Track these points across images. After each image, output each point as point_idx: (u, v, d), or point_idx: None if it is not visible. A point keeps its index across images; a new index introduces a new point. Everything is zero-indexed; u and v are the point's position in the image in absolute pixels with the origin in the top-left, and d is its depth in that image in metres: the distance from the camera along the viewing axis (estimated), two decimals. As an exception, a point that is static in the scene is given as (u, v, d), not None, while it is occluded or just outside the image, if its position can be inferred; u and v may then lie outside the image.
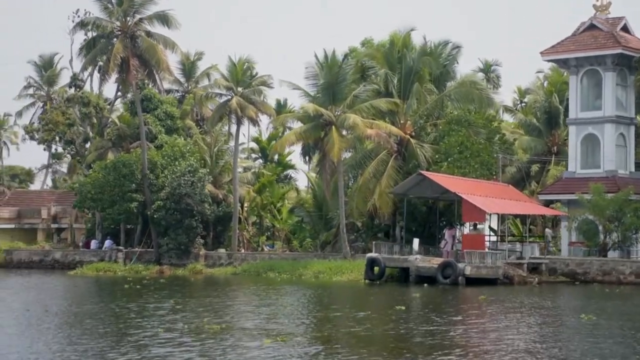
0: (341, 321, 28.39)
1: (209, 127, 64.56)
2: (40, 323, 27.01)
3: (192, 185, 59.17)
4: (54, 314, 30.01)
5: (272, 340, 22.28)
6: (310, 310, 32.38)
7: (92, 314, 30.28)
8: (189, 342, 22.38)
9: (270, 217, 62.79)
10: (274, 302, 35.70)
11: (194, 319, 27.86)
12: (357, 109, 54.29)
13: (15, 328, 25.54)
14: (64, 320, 28.50)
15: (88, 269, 57.30)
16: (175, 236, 59.09)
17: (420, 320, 28.48)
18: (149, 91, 65.60)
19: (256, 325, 26.37)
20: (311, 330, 25.77)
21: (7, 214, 77.19)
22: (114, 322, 27.36)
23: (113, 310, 31.82)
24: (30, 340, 22.87)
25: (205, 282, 50.33)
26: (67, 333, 24.79)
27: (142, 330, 24.96)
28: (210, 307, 32.33)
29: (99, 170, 60.57)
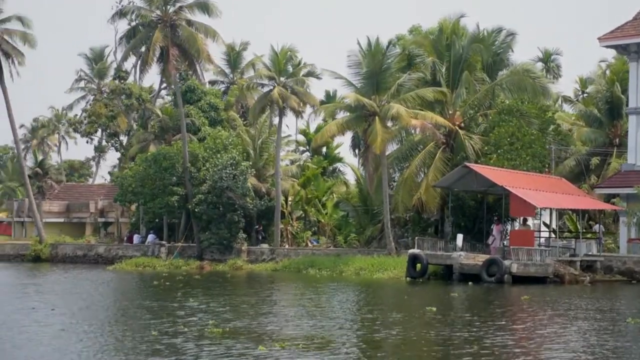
0: (369, 324, 26.31)
1: (250, 118, 62.83)
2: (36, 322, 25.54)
3: (234, 178, 57.61)
4: (57, 314, 28.46)
5: (269, 347, 20.32)
6: (339, 310, 30.22)
7: (97, 312, 28.73)
8: (171, 349, 20.53)
9: (314, 212, 60.80)
10: (303, 301, 33.67)
11: (207, 320, 26.00)
12: (401, 99, 52.04)
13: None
14: (64, 319, 26.90)
15: (127, 264, 56.21)
16: (216, 231, 57.63)
17: (455, 324, 26.11)
18: (192, 82, 64.20)
19: (264, 328, 24.42)
20: (330, 334, 23.49)
21: (56, 208, 76.85)
22: (113, 323, 25.70)
23: (124, 308, 30.22)
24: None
25: (243, 278, 48.65)
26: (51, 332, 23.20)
27: (136, 333, 23.24)
28: (231, 307, 30.49)
29: (140, 163, 59.40)
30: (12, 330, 23.53)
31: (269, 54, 59.02)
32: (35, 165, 77.12)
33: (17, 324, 24.94)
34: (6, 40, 67.32)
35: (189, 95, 64.25)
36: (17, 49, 67.59)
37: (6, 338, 21.92)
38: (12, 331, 23.25)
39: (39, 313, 28.01)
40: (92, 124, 69.21)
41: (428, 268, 45.93)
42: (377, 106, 51.83)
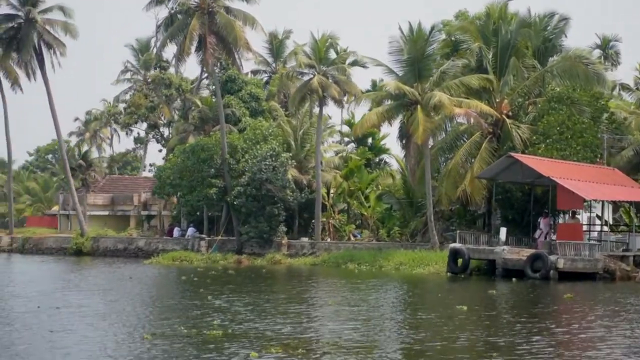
0: (390, 325, 24.50)
1: (290, 108, 61.15)
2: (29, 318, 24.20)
3: (274, 170, 56.07)
4: (58, 308, 27.10)
5: (263, 354, 18.60)
6: (365, 310, 28.23)
7: (100, 309, 27.32)
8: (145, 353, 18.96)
9: (357, 204, 58.88)
10: (332, 299, 31.75)
11: (219, 320, 24.40)
12: (444, 87, 49.90)
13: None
14: (61, 315, 25.51)
15: (164, 258, 55.06)
16: (256, 224, 56.16)
17: (484, 326, 24.13)
18: (233, 72, 62.73)
19: (277, 331, 22.68)
20: (343, 338, 21.59)
21: (100, 201, 76.24)
22: (112, 321, 24.21)
23: (136, 306, 28.73)
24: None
25: (279, 273, 46.97)
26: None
27: (130, 333, 21.73)
28: (255, 306, 28.77)
29: (178, 155, 58.16)
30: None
31: (309, 41, 57.30)
32: (79, 157, 76.50)
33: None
34: (47, 31, 66.77)
35: (230, 85, 62.83)
36: (59, 40, 66.98)
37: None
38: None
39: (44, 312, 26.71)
40: (130, 115, 68.24)
41: (470, 263, 43.80)
42: (419, 94, 49.75)
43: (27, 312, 26.53)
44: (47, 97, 66.29)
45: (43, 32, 66.54)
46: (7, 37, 67.26)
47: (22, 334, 21.71)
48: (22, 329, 22.63)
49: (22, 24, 66.51)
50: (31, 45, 65.64)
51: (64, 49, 66.63)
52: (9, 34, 67.13)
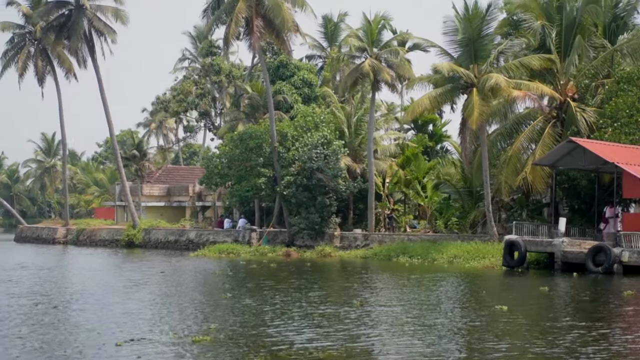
0: (409, 328, 21.80)
1: (340, 93, 58.49)
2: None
3: (325, 158, 53.65)
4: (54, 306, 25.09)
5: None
6: (388, 314, 25.50)
7: (98, 306, 25.22)
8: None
9: (413, 194, 55.92)
10: (367, 298, 29.17)
11: (221, 323, 22.13)
12: (503, 68, 46.75)
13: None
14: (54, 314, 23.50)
15: (210, 251, 53.16)
16: (307, 215, 53.81)
17: (522, 332, 21.28)
18: (285, 57, 60.37)
19: (279, 336, 20.25)
20: (335, 345, 19.09)
21: (156, 192, 74.92)
22: (101, 321, 22.06)
23: (149, 302, 26.59)
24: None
25: (325, 267, 44.38)
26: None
27: (107, 337, 19.53)
28: (280, 307, 26.40)
29: (227, 143, 56.07)
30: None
31: (361, 23, 54.42)
32: (132, 147, 75.12)
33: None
34: (97, 17, 65.43)
35: (282, 71, 60.54)
36: (109, 26, 65.63)
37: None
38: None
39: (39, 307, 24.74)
40: (179, 103, 66.42)
41: (527, 256, 40.65)
42: (475, 76, 46.67)
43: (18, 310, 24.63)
44: (98, 86, 65.04)
45: (93, 19, 65.26)
46: (58, 24, 66.27)
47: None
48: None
49: (72, 11, 65.34)
50: (81, 32, 64.43)
51: (114, 35, 65.32)
52: (59, 21, 66.11)
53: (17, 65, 69.46)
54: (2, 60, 71.24)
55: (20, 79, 70.03)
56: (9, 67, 70.54)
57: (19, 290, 30.84)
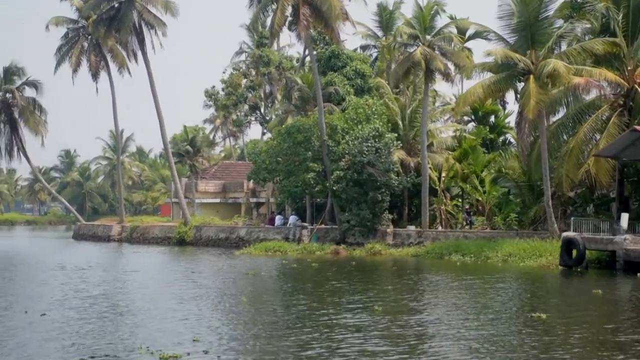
0: (428, 345, 19.43)
1: (391, 83, 55.83)
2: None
3: (377, 152, 51.15)
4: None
5: None
6: (423, 322, 23.09)
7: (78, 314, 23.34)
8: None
9: (470, 189, 53.00)
10: (401, 304, 26.84)
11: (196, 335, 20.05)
12: (562, 53, 43.68)
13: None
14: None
15: (256, 249, 51.15)
16: (357, 211, 51.40)
17: (556, 348, 18.67)
18: (337, 47, 58.01)
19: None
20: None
21: (212, 188, 73.42)
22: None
23: (129, 310, 24.63)
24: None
25: (371, 266, 41.88)
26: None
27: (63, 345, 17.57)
28: (295, 315, 24.30)
29: (275, 137, 54.01)
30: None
31: (413, 9, 51.76)
32: (186, 143, 73.64)
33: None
34: (147, 10, 64.06)
35: (333, 62, 58.21)
36: (159, 19, 64.21)
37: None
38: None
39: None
40: (229, 96, 64.53)
41: (586, 255, 37.60)
42: (532, 63, 43.67)
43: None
44: (148, 80, 63.68)
45: (143, 11, 63.92)
46: (108, 17, 65.19)
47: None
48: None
49: (122, 3, 64.11)
50: (130, 25, 63.15)
51: (164, 28, 63.84)
52: (109, 14, 64.96)
53: (71, 60, 68.52)
54: (56, 56, 70.53)
55: (74, 74, 69.20)
56: (63, 62, 69.73)
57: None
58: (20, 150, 77.56)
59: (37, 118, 76.94)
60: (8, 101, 77.14)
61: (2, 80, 77.55)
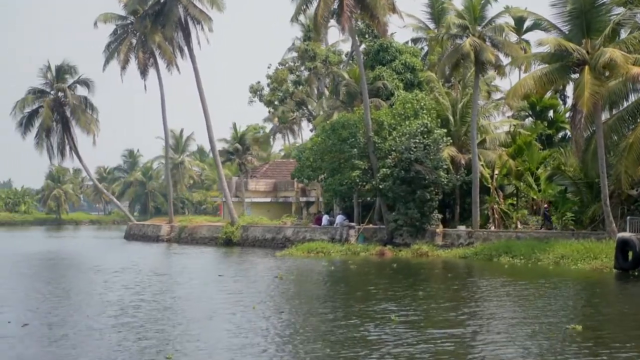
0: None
1: (439, 76, 53.41)
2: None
3: (425, 148, 48.86)
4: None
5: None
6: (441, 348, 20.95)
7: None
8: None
9: (524, 187, 50.28)
10: (421, 315, 24.69)
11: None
12: (620, 42, 40.92)
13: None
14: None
15: (298, 250, 49.27)
16: (405, 210, 49.12)
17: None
18: (385, 40, 55.80)
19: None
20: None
21: (262, 187, 71.85)
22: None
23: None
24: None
25: (413, 269, 39.55)
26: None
27: None
28: (294, 323, 22.41)
29: (319, 134, 52.04)
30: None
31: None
32: (234, 140, 72.06)
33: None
34: (193, 4, 62.71)
35: (382, 55, 56.01)
36: (205, 14, 62.82)
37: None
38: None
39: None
40: (273, 92, 62.67)
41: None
42: (587, 52, 40.96)
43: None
44: (194, 76, 62.28)
45: (188, 6, 62.53)
46: (153, 12, 64.04)
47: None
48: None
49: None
50: (176, 20, 61.87)
51: (210, 23, 62.37)
52: (155, 9, 63.77)
53: (119, 58, 67.56)
54: (105, 53, 69.70)
55: (123, 71, 68.23)
56: (111, 59, 68.83)
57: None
58: (72, 150, 77.00)
59: (88, 117, 76.35)
60: (60, 100, 76.70)
61: (55, 79, 77.12)
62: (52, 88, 77.08)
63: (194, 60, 62.72)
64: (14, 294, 29.10)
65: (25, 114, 76.38)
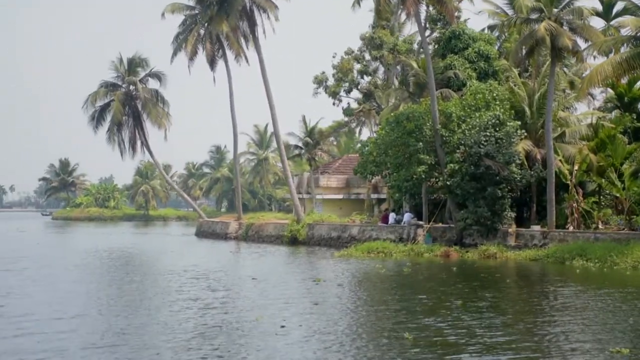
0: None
1: (511, 63, 49.52)
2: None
3: (497, 142, 45.29)
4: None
5: None
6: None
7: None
8: None
9: (605, 184, 46.15)
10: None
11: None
12: None
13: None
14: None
15: (357, 250, 46.22)
16: (474, 209, 45.64)
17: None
18: (458, 27, 52.29)
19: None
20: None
21: (334, 183, 69.05)
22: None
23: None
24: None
25: (474, 273, 36.05)
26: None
27: None
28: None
29: (384, 127, 48.91)
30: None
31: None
32: (305, 135, 69.27)
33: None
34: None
35: (454, 43, 52.56)
36: (271, 1, 60.27)
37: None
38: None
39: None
40: (338, 82, 59.60)
41: None
42: (675, 34, 36.92)
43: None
44: (259, 66, 59.82)
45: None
46: (217, 1, 61.77)
47: None
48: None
49: (232, -15, 60.65)
50: (240, 8, 59.52)
51: (276, 11, 59.86)
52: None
53: (186, 49, 65.56)
54: (173, 45, 67.85)
55: (191, 62, 66.18)
56: (179, 51, 66.90)
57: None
58: (143, 145, 75.63)
59: (159, 110, 74.86)
60: (131, 93, 75.43)
61: (126, 72, 75.89)
62: (123, 81, 75.85)
63: (259, 50, 60.29)
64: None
65: (97, 108, 75.39)
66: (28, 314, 22.38)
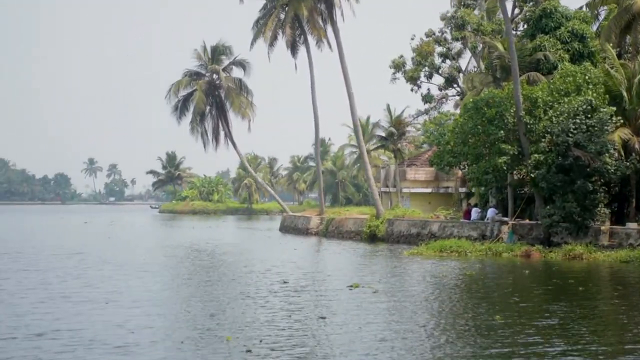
0: None
1: (602, 41, 44.34)
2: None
3: (588, 130, 40.46)
4: None
5: None
6: None
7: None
8: None
9: None
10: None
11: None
12: None
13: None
14: None
15: (428, 248, 42.18)
16: (562, 204, 40.92)
17: None
18: (549, 4, 47.47)
19: None
20: None
21: (422, 176, 64.93)
22: None
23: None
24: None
25: (543, 277, 31.55)
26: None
27: None
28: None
29: (462, 114, 44.59)
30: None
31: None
32: (390, 125, 65.21)
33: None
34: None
35: (544, 22, 47.69)
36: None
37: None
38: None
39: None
40: (417, 67, 55.29)
41: None
42: None
43: None
44: (337, 51, 56.17)
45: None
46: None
47: None
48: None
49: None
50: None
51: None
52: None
53: (265, 34, 62.41)
54: (253, 30, 64.81)
55: (270, 49, 63.00)
56: (259, 37, 63.81)
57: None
58: (227, 136, 73.08)
59: (243, 100, 72.13)
60: (214, 82, 72.95)
61: (210, 60, 73.45)
62: (207, 70, 73.44)
63: (337, 34, 56.70)
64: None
65: (180, 98, 73.21)
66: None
